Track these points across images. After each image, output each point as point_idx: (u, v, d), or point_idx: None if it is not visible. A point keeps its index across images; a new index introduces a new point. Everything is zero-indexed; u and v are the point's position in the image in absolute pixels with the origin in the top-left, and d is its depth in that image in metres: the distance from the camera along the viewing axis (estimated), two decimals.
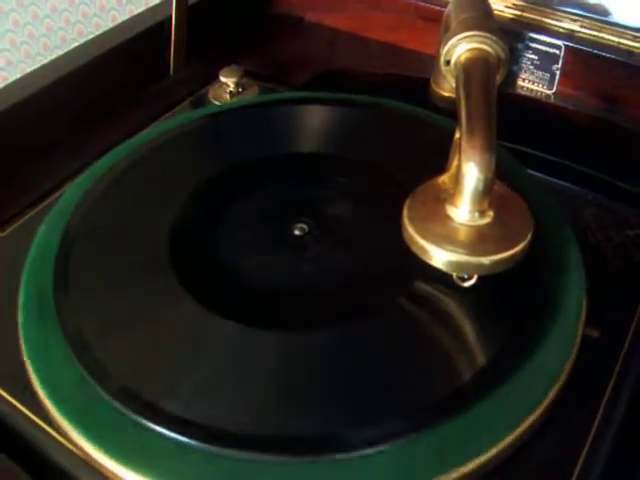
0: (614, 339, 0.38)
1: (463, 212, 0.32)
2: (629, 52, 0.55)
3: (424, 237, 0.32)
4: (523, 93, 0.59)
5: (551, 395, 0.33)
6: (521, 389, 0.33)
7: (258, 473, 0.29)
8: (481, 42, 0.36)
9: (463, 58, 0.36)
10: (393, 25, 0.65)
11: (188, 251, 0.39)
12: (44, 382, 0.33)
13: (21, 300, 0.37)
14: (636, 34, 0.55)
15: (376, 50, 0.65)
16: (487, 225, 0.32)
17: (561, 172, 0.51)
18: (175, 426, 0.30)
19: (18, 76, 0.55)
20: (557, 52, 0.57)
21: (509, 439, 0.31)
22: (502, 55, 0.36)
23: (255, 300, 0.38)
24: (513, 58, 0.58)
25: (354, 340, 0.34)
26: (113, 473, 0.30)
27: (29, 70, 0.56)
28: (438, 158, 0.38)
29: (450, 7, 0.41)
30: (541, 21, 0.58)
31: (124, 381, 0.32)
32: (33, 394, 0.34)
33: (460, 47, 0.36)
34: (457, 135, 0.36)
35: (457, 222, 0.32)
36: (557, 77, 0.58)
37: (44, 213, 0.43)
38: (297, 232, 0.41)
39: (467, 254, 0.31)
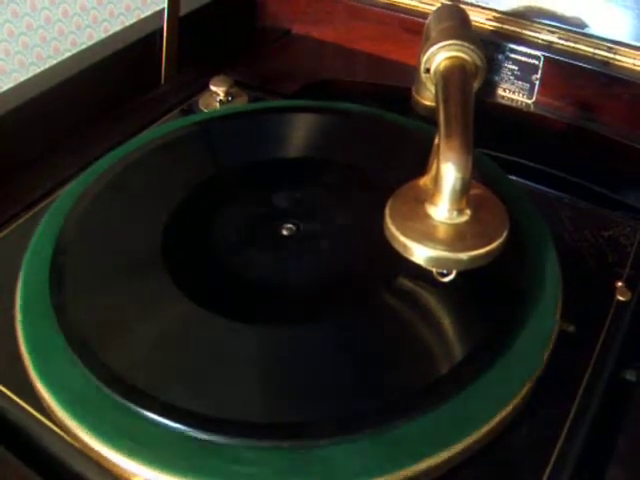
0: (590, 334, 0.40)
1: (442, 210, 0.34)
2: (605, 62, 0.57)
3: (405, 234, 0.33)
4: (504, 102, 0.61)
5: (528, 386, 0.35)
6: (499, 380, 0.34)
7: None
8: (459, 50, 0.37)
9: (442, 66, 0.38)
10: (378, 37, 0.67)
11: (180, 251, 0.41)
12: (42, 375, 0.34)
13: (19, 298, 0.38)
14: (611, 45, 0.57)
15: (361, 61, 0.67)
16: (465, 223, 0.34)
17: (540, 177, 0.53)
18: (169, 414, 0.31)
19: (12, 85, 0.57)
20: (536, 63, 0.59)
21: (485, 429, 0.33)
22: (479, 63, 0.38)
23: (243, 296, 0.39)
24: (493, 68, 0.60)
25: (336, 335, 0.36)
26: (108, 460, 0.32)
27: (22, 79, 0.57)
28: (419, 162, 0.40)
29: (430, 18, 0.43)
30: (520, 33, 0.60)
31: (119, 372, 0.33)
32: (32, 388, 0.35)
33: (439, 55, 0.38)
34: (437, 140, 0.37)
35: (436, 220, 0.34)
36: (536, 87, 0.60)
37: (40, 215, 0.44)
38: (285, 232, 0.43)
39: (446, 250, 0.33)
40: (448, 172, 0.33)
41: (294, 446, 0.31)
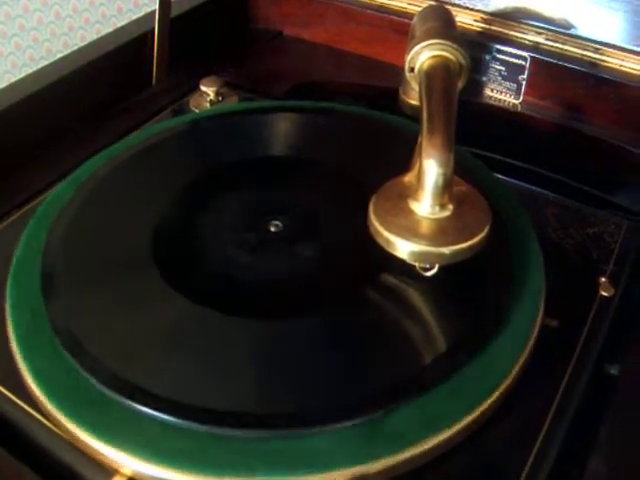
0: (573, 329, 0.40)
1: (425, 206, 0.34)
2: (592, 63, 0.58)
3: (388, 230, 0.34)
4: (491, 102, 0.61)
5: (511, 379, 0.35)
6: (482, 373, 0.35)
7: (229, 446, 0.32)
8: (442, 49, 0.38)
9: (426, 65, 0.38)
10: (368, 39, 0.67)
11: (170, 248, 0.41)
12: (31, 368, 0.35)
13: (9, 294, 0.39)
14: (598, 47, 0.58)
15: (352, 62, 0.68)
16: (447, 218, 0.34)
17: (527, 176, 0.53)
18: (162, 407, 0.32)
19: (4, 85, 0.57)
20: (523, 63, 0.59)
21: (467, 421, 0.33)
22: (463, 62, 0.39)
23: (231, 291, 0.40)
24: (480, 68, 0.61)
25: (323, 328, 0.37)
26: (96, 451, 0.32)
27: (14, 80, 0.58)
28: (403, 160, 0.40)
29: (415, 18, 0.43)
30: (507, 34, 0.61)
31: (107, 364, 0.34)
32: (21, 381, 0.35)
33: (423, 54, 0.39)
34: (420, 138, 0.38)
35: (419, 215, 0.34)
36: (523, 87, 0.60)
37: (31, 214, 0.45)
38: (272, 229, 0.43)
39: (428, 245, 0.33)
40: (430, 168, 0.33)
41: (284, 435, 0.32)
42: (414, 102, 0.47)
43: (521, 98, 0.61)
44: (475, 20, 0.62)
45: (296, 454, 0.31)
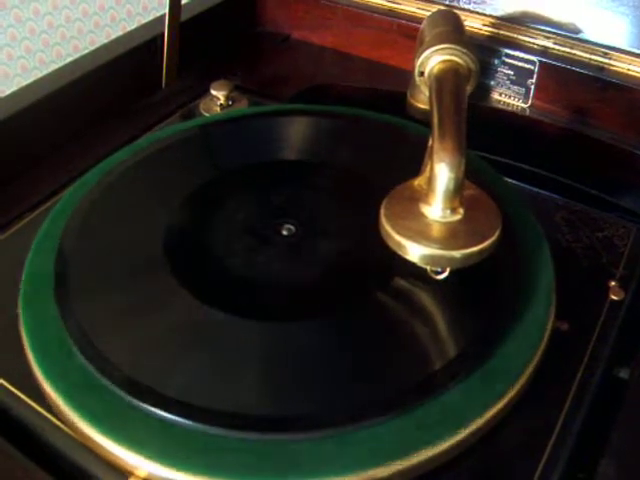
0: (583, 332, 0.40)
1: (436, 209, 0.34)
2: (600, 68, 0.58)
3: (400, 233, 0.34)
4: (500, 107, 0.62)
5: (522, 382, 0.35)
6: (493, 376, 0.35)
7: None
8: (452, 54, 0.38)
9: (436, 69, 0.38)
10: (376, 42, 0.68)
11: (182, 250, 0.42)
12: (45, 371, 0.35)
13: (22, 296, 0.39)
14: (606, 51, 0.58)
15: (360, 66, 0.68)
16: (458, 221, 0.34)
17: (536, 180, 0.53)
18: (177, 409, 0.32)
19: (14, 89, 0.58)
20: (532, 67, 0.59)
21: (477, 425, 0.33)
22: (472, 66, 0.39)
23: (244, 293, 0.40)
24: (489, 72, 0.61)
25: (334, 330, 0.37)
26: (110, 453, 0.32)
27: (25, 84, 0.58)
28: (413, 163, 0.40)
29: (425, 23, 0.43)
30: (516, 38, 0.61)
31: (120, 365, 0.34)
32: (35, 384, 0.35)
33: (433, 59, 0.39)
34: (430, 142, 0.38)
35: (430, 219, 0.34)
36: (532, 91, 0.60)
37: (44, 216, 0.45)
38: (285, 232, 0.44)
39: (440, 248, 0.33)
40: (441, 172, 0.33)
41: (299, 438, 0.32)
42: (423, 106, 0.47)
43: (530, 102, 0.61)
44: (484, 24, 0.62)
45: (309, 457, 0.31)
